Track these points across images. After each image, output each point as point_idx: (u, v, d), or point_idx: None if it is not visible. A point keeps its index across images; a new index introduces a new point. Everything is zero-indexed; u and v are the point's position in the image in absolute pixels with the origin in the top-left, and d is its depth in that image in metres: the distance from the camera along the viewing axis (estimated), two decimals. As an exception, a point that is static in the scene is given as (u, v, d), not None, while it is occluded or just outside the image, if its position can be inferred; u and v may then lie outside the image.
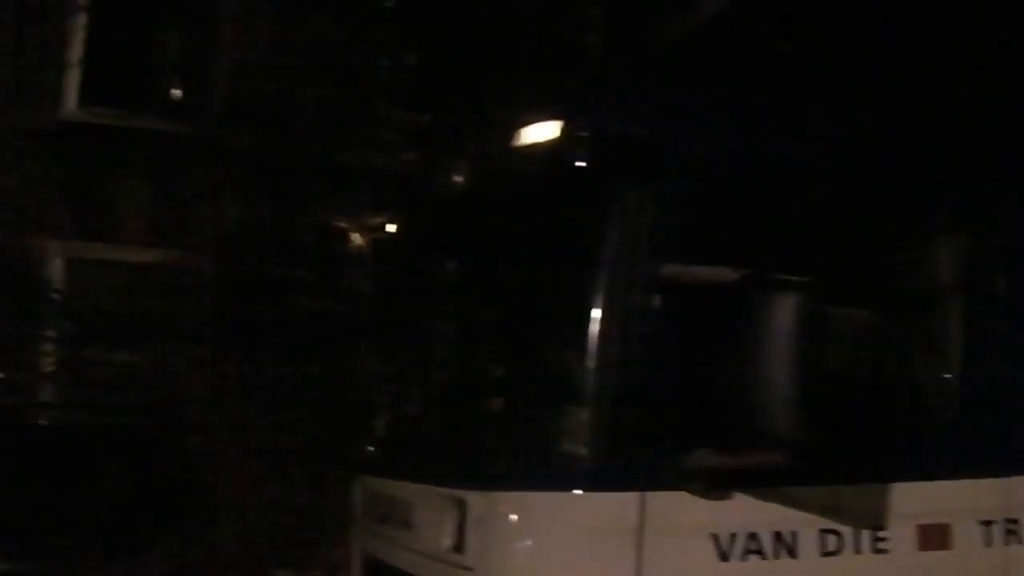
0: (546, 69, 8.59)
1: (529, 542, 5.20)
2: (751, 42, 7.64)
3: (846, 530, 5.37)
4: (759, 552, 5.28)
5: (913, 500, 5.46)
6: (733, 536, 5.25)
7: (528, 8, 9.34)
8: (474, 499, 5.37)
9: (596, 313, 5.11)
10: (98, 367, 10.79)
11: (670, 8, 8.35)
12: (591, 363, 5.10)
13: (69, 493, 9.10)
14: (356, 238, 9.39)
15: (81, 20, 12.69)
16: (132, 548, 8.60)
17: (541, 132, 5.23)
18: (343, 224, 9.56)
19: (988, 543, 5.60)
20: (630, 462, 5.13)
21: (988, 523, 5.61)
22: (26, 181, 12.00)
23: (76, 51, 12.72)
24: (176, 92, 12.95)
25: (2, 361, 11.07)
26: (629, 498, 5.12)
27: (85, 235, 12.45)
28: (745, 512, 5.25)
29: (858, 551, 5.37)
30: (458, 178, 5.86)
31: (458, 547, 5.53)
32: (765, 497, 5.25)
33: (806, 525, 5.31)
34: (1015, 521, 5.66)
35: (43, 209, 12.16)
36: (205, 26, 12.83)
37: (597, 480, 5.14)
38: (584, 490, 5.17)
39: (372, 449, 7.20)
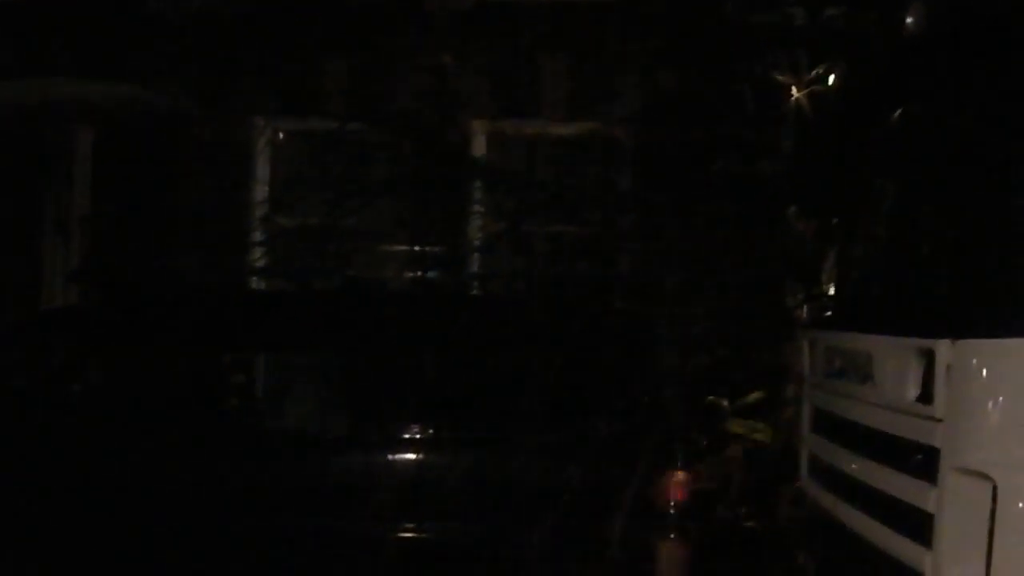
0: None
1: (1005, 391, 5.06)
2: None
3: None
4: None
5: None
6: None
7: None
8: (944, 348, 5.27)
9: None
10: (532, 239, 11.08)
11: None
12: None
13: (507, 362, 9.31)
14: (792, 94, 9.23)
15: None
16: (572, 415, 8.77)
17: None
18: (779, 79, 9.39)
19: None
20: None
21: None
22: (449, 61, 12.34)
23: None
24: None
25: (437, 236, 11.49)
26: (1112, 342, 4.91)
27: (506, 111, 12.75)
28: None
29: None
30: (913, 23, 5.69)
31: (925, 398, 5.46)
32: None
33: None
34: None
35: (467, 88, 12.49)
36: None
37: (1078, 324, 4.94)
38: (1063, 336, 4.96)
39: (825, 304, 7.17)
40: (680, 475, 8.50)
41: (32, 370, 9.21)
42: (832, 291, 7.34)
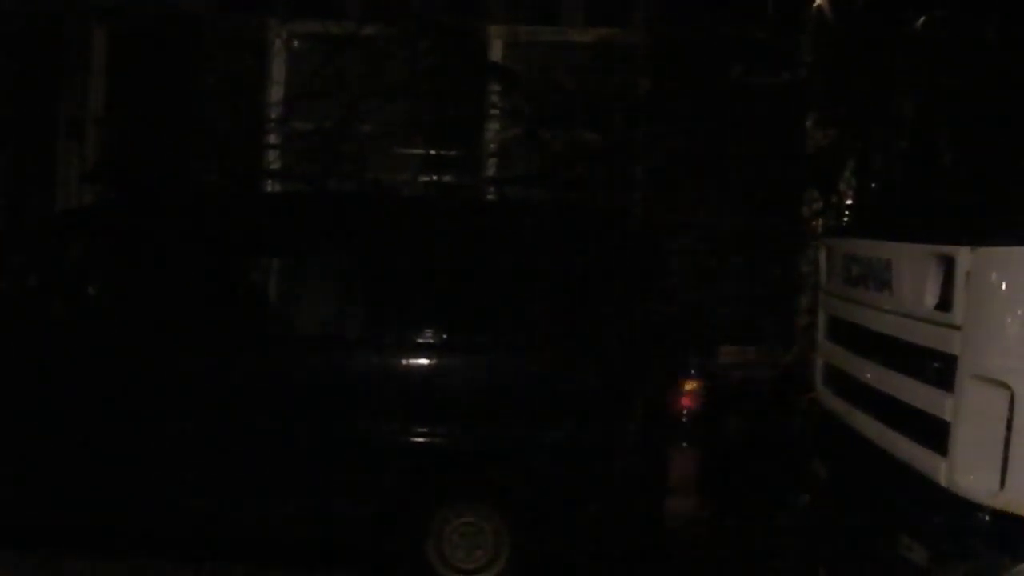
0: None
1: (1024, 300, 5.02)
2: None
3: None
4: None
5: None
6: None
7: None
8: (963, 255, 5.22)
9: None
10: (548, 144, 11.00)
11: None
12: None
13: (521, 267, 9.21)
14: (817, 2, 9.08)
15: None
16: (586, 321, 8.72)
17: None
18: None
19: None
20: None
21: None
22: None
23: None
24: None
25: (453, 139, 11.38)
26: None
27: (523, 17, 12.61)
28: None
29: None
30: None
31: (943, 305, 5.43)
32: None
33: None
34: None
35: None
36: None
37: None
38: (1087, 243, 4.90)
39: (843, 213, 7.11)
40: (692, 383, 8.50)
41: (47, 270, 9.20)
42: (850, 200, 7.28)
